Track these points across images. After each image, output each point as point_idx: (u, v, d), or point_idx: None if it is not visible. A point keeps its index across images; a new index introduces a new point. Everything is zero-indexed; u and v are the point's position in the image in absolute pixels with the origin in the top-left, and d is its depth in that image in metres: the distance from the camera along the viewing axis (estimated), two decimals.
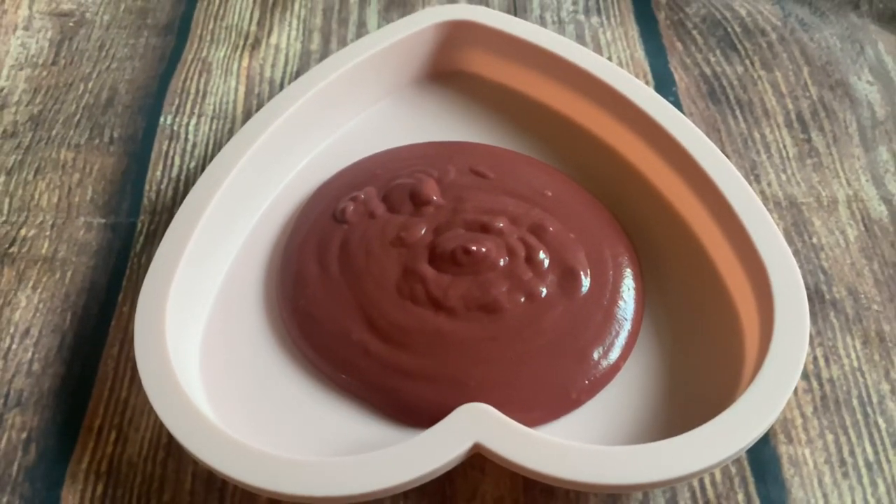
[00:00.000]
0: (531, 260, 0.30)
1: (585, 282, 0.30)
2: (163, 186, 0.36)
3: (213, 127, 0.38)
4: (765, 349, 0.26)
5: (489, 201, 0.32)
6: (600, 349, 0.29)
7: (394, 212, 0.32)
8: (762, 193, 0.35)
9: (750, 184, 0.33)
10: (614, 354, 0.29)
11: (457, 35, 0.37)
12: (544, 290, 0.29)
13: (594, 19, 0.43)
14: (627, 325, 0.29)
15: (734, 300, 0.30)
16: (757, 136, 0.37)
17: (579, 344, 0.29)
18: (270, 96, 0.39)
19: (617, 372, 0.29)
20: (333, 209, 0.33)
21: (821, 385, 0.30)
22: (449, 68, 0.38)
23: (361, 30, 0.42)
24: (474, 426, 0.25)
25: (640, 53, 0.41)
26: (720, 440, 0.25)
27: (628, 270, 0.31)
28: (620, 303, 0.30)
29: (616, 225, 0.32)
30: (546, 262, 0.30)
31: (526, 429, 0.25)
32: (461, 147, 0.35)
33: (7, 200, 0.35)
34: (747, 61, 0.40)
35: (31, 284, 0.33)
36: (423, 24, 0.37)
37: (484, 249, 0.30)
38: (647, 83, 0.39)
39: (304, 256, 0.31)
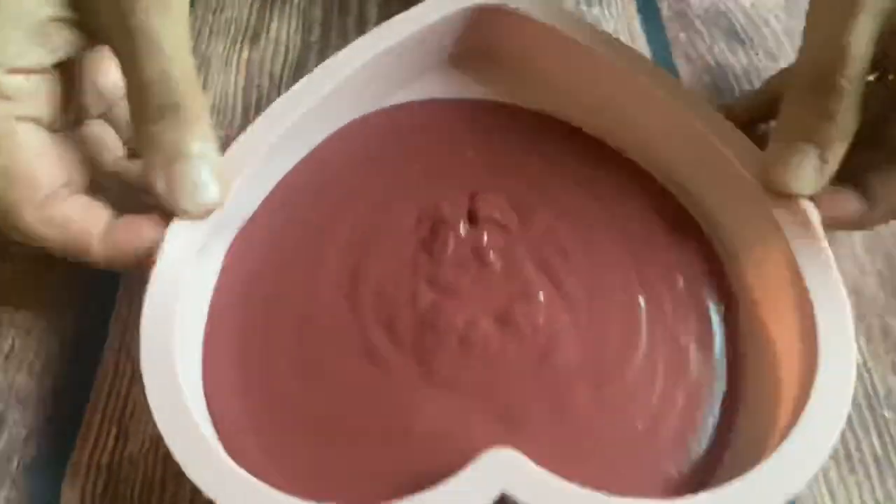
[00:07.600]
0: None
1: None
2: None
3: (213, 120, 0.38)
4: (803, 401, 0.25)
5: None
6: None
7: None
8: None
9: None
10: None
11: (485, 20, 0.35)
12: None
13: (595, 10, 0.42)
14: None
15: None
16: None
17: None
18: (270, 89, 0.39)
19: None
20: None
21: None
22: (477, 51, 0.36)
23: (362, 22, 0.42)
24: (501, 474, 0.23)
25: (642, 44, 0.40)
26: (756, 496, 0.23)
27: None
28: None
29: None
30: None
31: (558, 479, 0.23)
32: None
33: None
34: (752, 52, 0.40)
35: (30, 281, 0.32)
36: (453, 8, 0.34)
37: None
38: None
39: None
